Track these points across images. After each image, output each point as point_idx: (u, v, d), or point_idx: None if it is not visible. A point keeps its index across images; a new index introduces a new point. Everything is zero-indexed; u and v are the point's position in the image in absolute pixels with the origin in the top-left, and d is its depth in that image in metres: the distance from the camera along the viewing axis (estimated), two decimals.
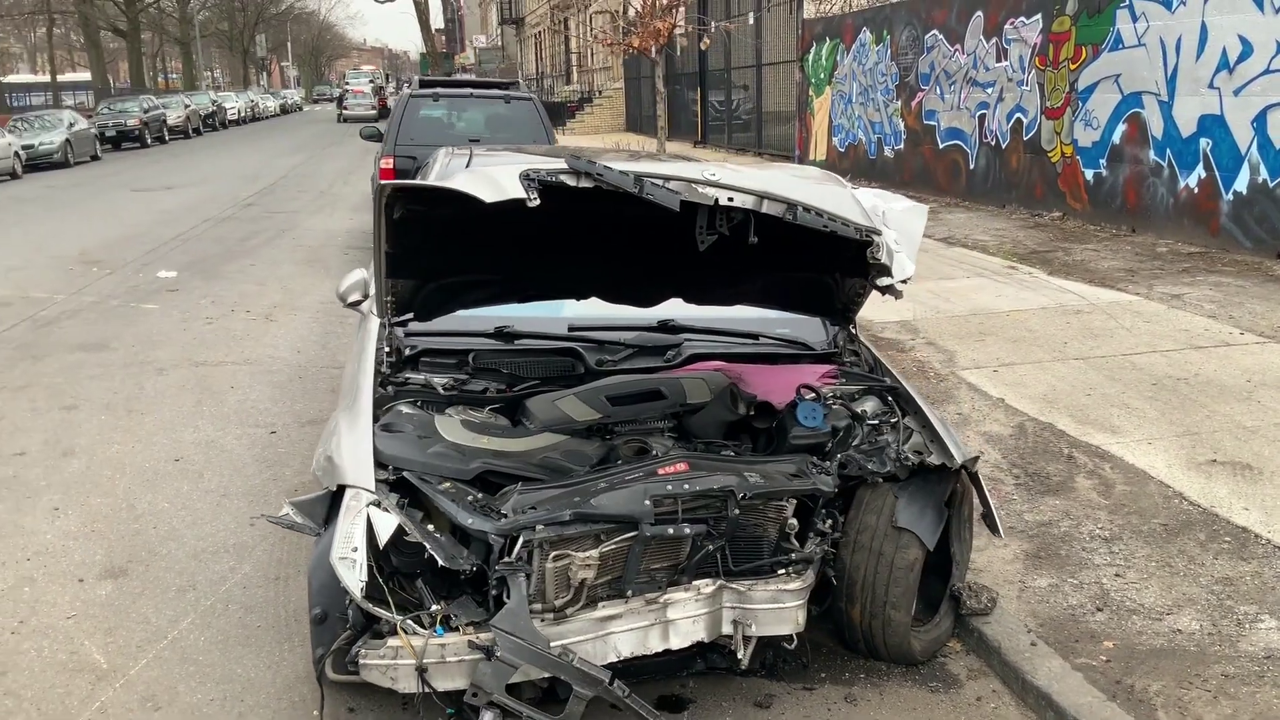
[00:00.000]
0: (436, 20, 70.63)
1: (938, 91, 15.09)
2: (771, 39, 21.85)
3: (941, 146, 15.11)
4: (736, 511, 3.17)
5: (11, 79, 67.72)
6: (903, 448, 3.58)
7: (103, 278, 11.13)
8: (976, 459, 3.51)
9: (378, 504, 3.08)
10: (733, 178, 3.08)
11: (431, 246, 3.59)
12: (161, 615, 3.99)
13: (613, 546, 3.07)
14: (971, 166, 14.37)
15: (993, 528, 3.71)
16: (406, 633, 2.91)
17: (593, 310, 4.25)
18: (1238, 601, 3.88)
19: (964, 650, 3.80)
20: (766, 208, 3.08)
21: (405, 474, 3.21)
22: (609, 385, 3.81)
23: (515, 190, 2.95)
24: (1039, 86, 12.69)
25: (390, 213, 3.25)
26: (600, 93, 36.45)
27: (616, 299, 4.05)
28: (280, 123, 52.08)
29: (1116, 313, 8.03)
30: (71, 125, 28.69)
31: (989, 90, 13.78)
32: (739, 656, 3.22)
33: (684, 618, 3.15)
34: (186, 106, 40.42)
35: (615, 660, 3.09)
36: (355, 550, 2.97)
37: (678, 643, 3.15)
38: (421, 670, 2.88)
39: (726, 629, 3.22)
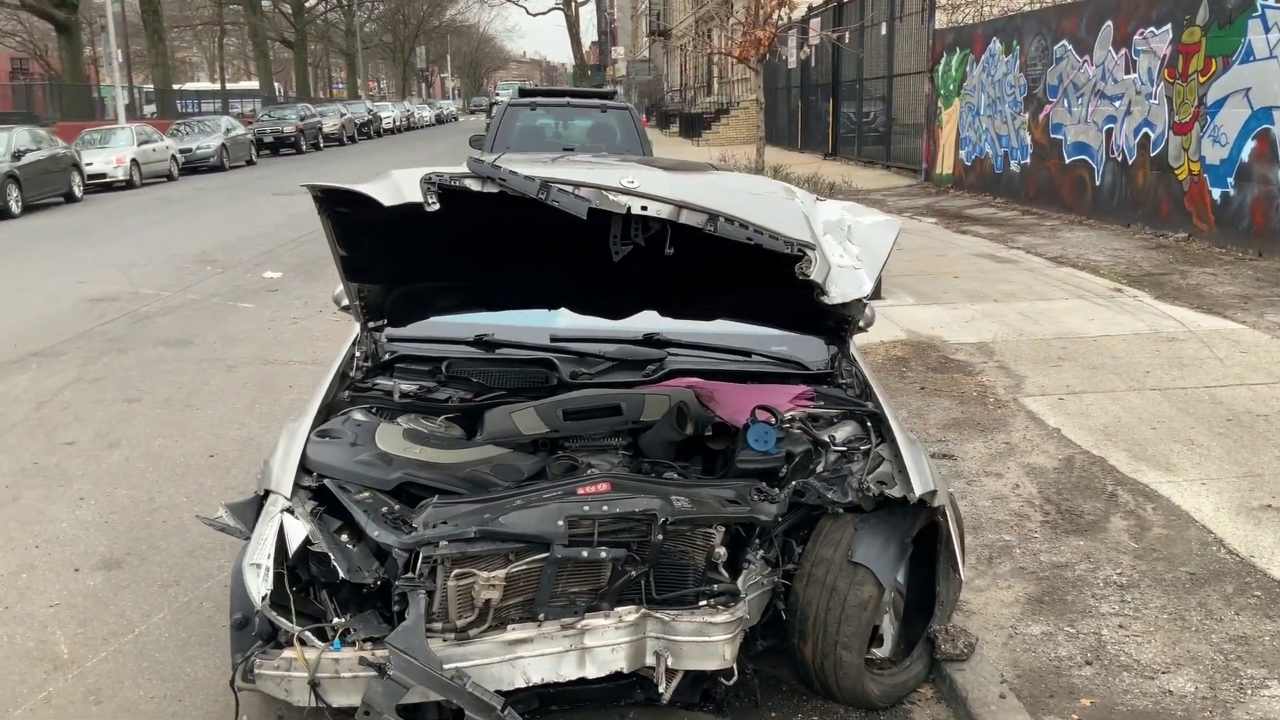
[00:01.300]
0: (591, 33, 71.73)
1: (1065, 104, 14.44)
2: (903, 49, 21.33)
3: (1067, 161, 14.44)
4: (660, 537, 3.02)
5: (190, 86, 71.58)
6: (866, 478, 3.36)
7: (212, 276, 11.58)
8: (934, 493, 3.26)
9: (291, 511, 3.05)
10: (654, 186, 2.93)
11: (389, 251, 3.54)
12: (137, 609, 4.06)
13: (523, 567, 2.95)
14: (1097, 183, 13.68)
15: (954, 567, 3.45)
16: (303, 644, 2.86)
17: (582, 321, 4.15)
18: (1247, 663, 3.51)
19: (934, 698, 3.54)
20: (685, 217, 2.92)
21: (326, 481, 3.17)
22: (570, 399, 3.70)
23: (413, 195, 2.87)
24: (1167, 100, 11.99)
25: (329, 215, 3.22)
26: (738, 104, 36.24)
27: (587, 310, 3.94)
28: (432, 132, 53.54)
29: (1213, 342, 7.48)
30: (228, 131, 30.11)
31: (1117, 103, 13.11)
32: (660, 689, 3.06)
33: (602, 645, 3.00)
34: (342, 115, 41.98)
35: (524, 685, 2.96)
36: (269, 557, 2.95)
37: (594, 671, 3.01)
38: (314, 684, 2.82)
39: (650, 660, 3.06)
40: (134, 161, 23.99)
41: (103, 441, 6.03)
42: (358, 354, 3.99)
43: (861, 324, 4.48)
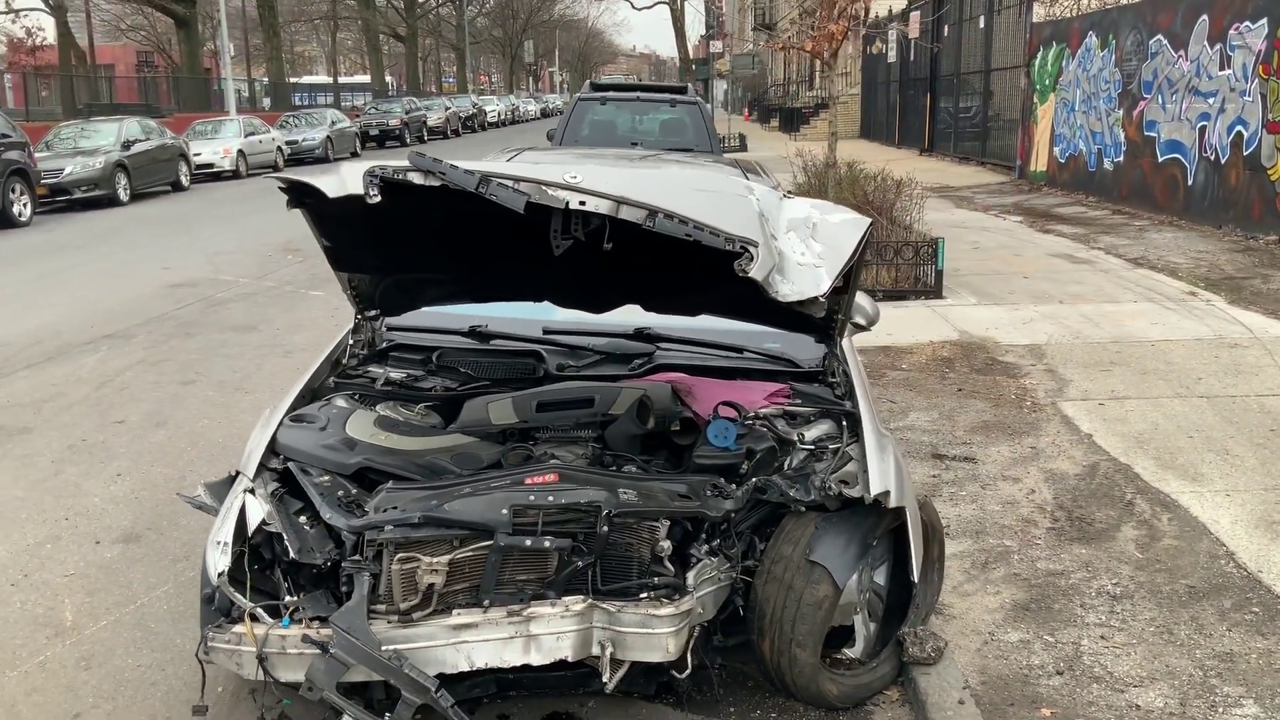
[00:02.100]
0: (699, 27, 71.52)
1: (1159, 101, 13.96)
2: (1000, 43, 20.85)
3: (1160, 160, 13.96)
4: (605, 529, 3.06)
5: (308, 80, 73.59)
6: (829, 477, 3.35)
7: (292, 265, 11.94)
8: (888, 493, 3.22)
9: (253, 491, 3.18)
10: (599, 181, 2.96)
11: (371, 243, 3.64)
12: (144, 582, 4.25)
13: (468, 554, 3.02)
14: (1189, 183, 13.21)
15: (907, 570, 3.41)
16: (254, 620, 2.98)
17: (578, 315, 4.19)
18: (1226, 681, 3.39)
19: (899, 700, 3.50)
20: (624, 213, 2.94)
21: (290, 464, 3.29)
22: (545, 391, 3.75)
23: (355, 186, 2.96)
24: (1261, 97, 11.51)
25: (299, 207, 3.32)
26: (836, 98, 35.82)
27: (569, 304, 3.99)
28: (535, 125, 54.12)
29: (1277, 349, 7.19)
30: (334, 124, 30.92)
31: (1210, 100, 12.63)
32: (604, 679, 3.10)
33: (548, 633, 3.04)
34: (447, 109, 42.75)
35: (468, 669, 3.02)
36: (229, 535, 3.09)
37: (538, 659, 3.05)
38: (261, 659, 2.93)
39: (596, 649, 3.10)
40: (240, 152, 24.82)
41: (151, 421, 6.30)
42: (351, 342, 4.11)
43: (862, 322, 4.45)
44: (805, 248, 3.27)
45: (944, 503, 4.84)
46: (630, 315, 4.18)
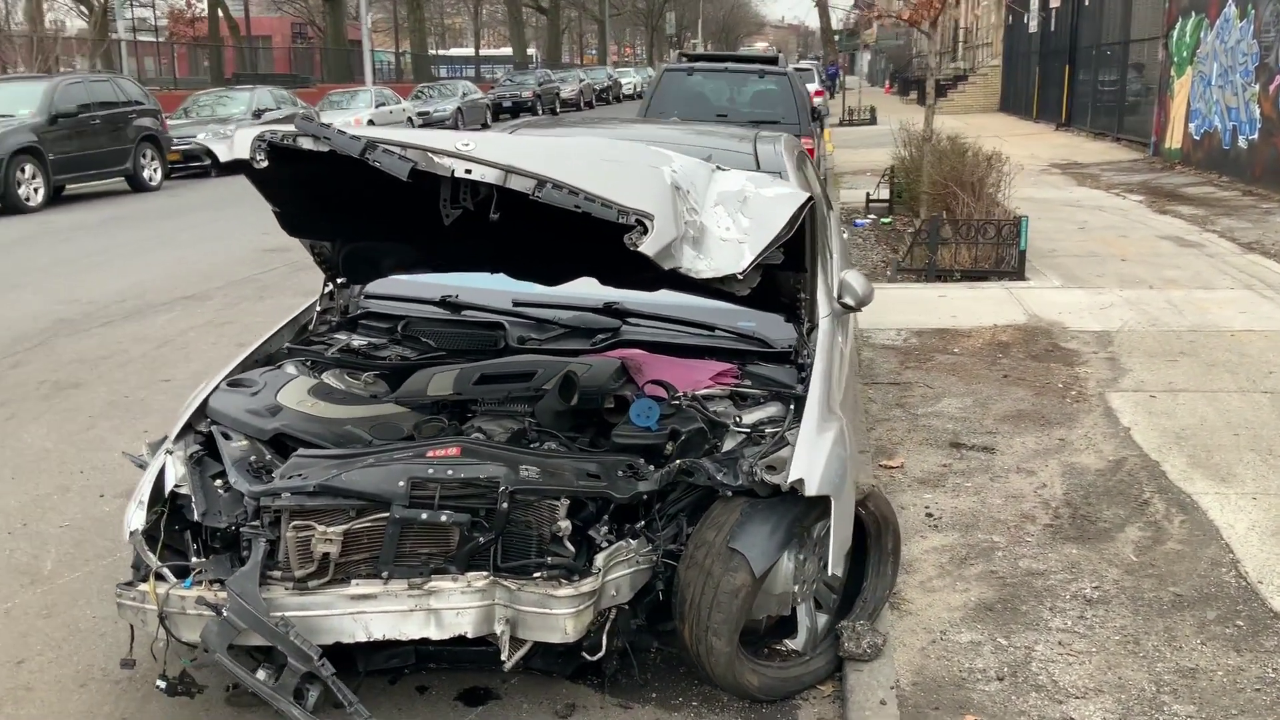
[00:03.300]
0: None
1: None
2: (1140, 13, 19.79)
3: None
4: (505, 505, 3.01)
5: (456, 51, 75.05)
6: (757, 462, 3.23)
7: None
8: (802, 481, 3.08)
9: (171, 453, 3.25)
10: (491, 150, 2.89)
11: (318, 209, 3.65)
12: (50, 523, 4.42)
13: (365, 525, 3.01)
14: None
15: (823, 560, 3.26)
16: (160, 579, 3.04)
17: (552, 288, 4.14)
18: (1179, 698, 3.15)
19: (831, 696, 3.37)
20: (512, 182, 2.85)
21: (213, 428, 3.34)
22: (491, 364, 3.72)
23: (242, 151, 2.96)
24: None
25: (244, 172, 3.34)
26: (975, 70, 34.65)
27: (523, 276, 3.93)
28: None
29: None
30: (465, 95, 31.51)
31: None
32: (503, 657, 3.06)
33: (447, 608, 3.01)
34: (581, 81, 43.04)
35: (365, 639, 3.02)
36: (146, 494, 3.18)
37: (437, 633, 3.02)
38: (162, 617, 2.99)
39: (497, 627, 3.06)
40: (370, 122, 25.42)
41: (197, 380, 6.49)
42: (320, 308, 4.15)
43: (850, 302, 4.28)
44: (732, 222, 3.14)
45: (944, 494, 4.64)
46: (604, 289, 4.10)
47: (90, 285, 9.45)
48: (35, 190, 15.05)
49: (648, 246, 2.78)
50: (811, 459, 3.19)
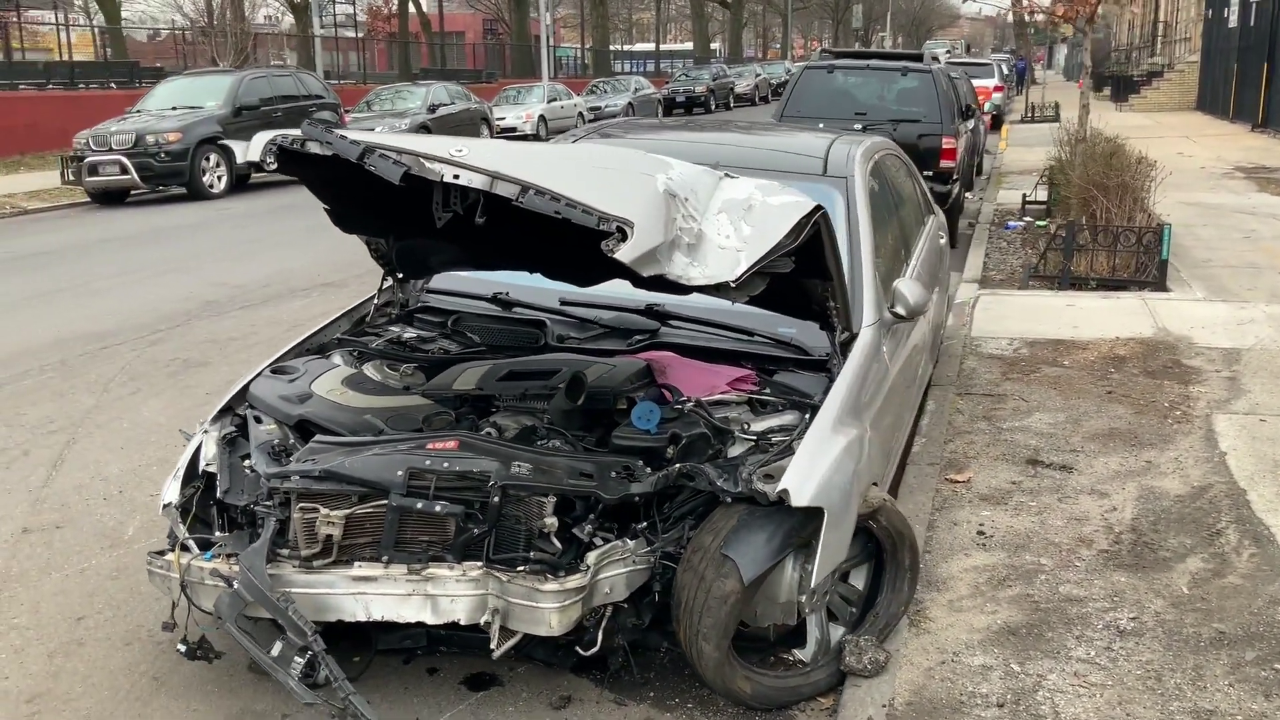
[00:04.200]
0: None
1: None
2: None
3: None
4: (496, 499, 3.11)
5: (639, 47, 75.88)
6: (756, 470, 3.23)
7: None
8: (787, 491, 3.06)
9: (208, 433, 3.49)
10: (477, 157, 2.96)
11: (363, 207, 3.81)
12: (143, 492, 4.78)
13: (367, 510, 3.16)
14: None
15: (805, 584, 3.23)
16: (185, 550, 3.27)
17: (601, 288, 4.20)
18: None
19: (828, 710, 3.34)
20: (498, 188, 2.92)
21: (248, 411, 3.56)
22: (520, 361, 3.82)
23: (255, 155, 3.13)
24: None
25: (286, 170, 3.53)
26: (1171, 66, 32.80)
27: (558, 276, 4.00)
28: None
29: None
30: (637, 90, 31.91)
31: None
32: (491, 645, 3.16)
33: (443, 595, 3.14)
34: (757, 75, 42.84)
35: (365, 619, 3.17)
36: (182, 469, 3.44)
37: (432, 618, 3.14)
38: (184, 586, 3.23)
39: (488, 616, 3.16)
40: (541, 117, 26.10)
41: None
42: (378, 301, 4.35)
43: (901, 311, 4.19)
44: (733, 230, 3.14)
45: (1004, 512, 4.50)
46: (651, 291, 4.14)
47: (243, 270, 10.07)
48: (219, 178, 16.05)
49: (624, 253, 2.82)
50: (807, 470, 3.17)
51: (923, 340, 5.10)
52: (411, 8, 44.47)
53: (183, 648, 3.28)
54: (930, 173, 10.74)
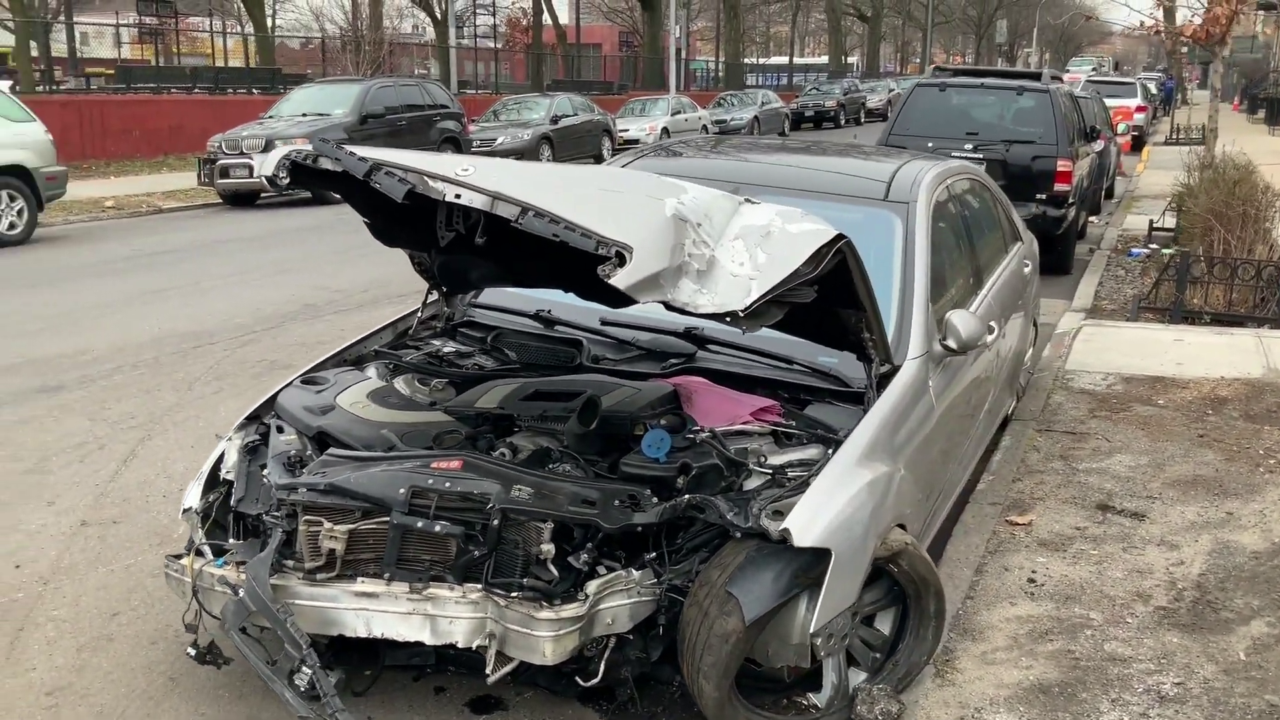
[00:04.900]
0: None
1: None
2: None
3: None
4: (496, 522, 3.08)
5: (774, 60, 75.57)
6: (766, 505, 3.12)
7: None
8: (789, 531, 2.94)
9: (230, 441, 3.55)
10: (481, 176, 2.91)
11: (400, 222, 3.82)
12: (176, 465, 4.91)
13: (369, 526, 3.15)
14: None
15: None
16: (199, 555, 3.33)
17: (641, 309, 4.14)
18: None
19: None
20: (498, 209, 2.87)
21: (272, 421, 3.61)
22: (545, 381, 3.77)
23: (268, 170, 3.16)
24: None
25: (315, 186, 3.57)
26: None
27: (591, 296, 3.94)
28: None
29: None
30: (764, 104, 31.73)
31: None
32: (486, 670, 3.12)
33: (442, 616, 3.11)
34: (890, 90, 42.12)
35: (366, 635, 3.16)
36: (204, 476, 3.51)
37: (431, 639, 3.12)
38: (195, 590, 3.28)
39: (483, 640, 3.12)
40: (665, 129, 26.13)
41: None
42: (420, 314, 4.37)
43: (952, 344, 4.02)
44: (748, 258, 3.04)
45: (1062, 560, 4.27)
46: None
47: (347, 274, 10.31)
48: None
49: (620, 279, 2.75)
50: (816, 509, 3.06)
51: (990, 373, 4.89)
52: (548, 19, 45.15)
53: (192, 652, 3.33)
54: (1043, 196, 10.40)
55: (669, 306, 3.01)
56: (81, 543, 4.46)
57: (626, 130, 25.41)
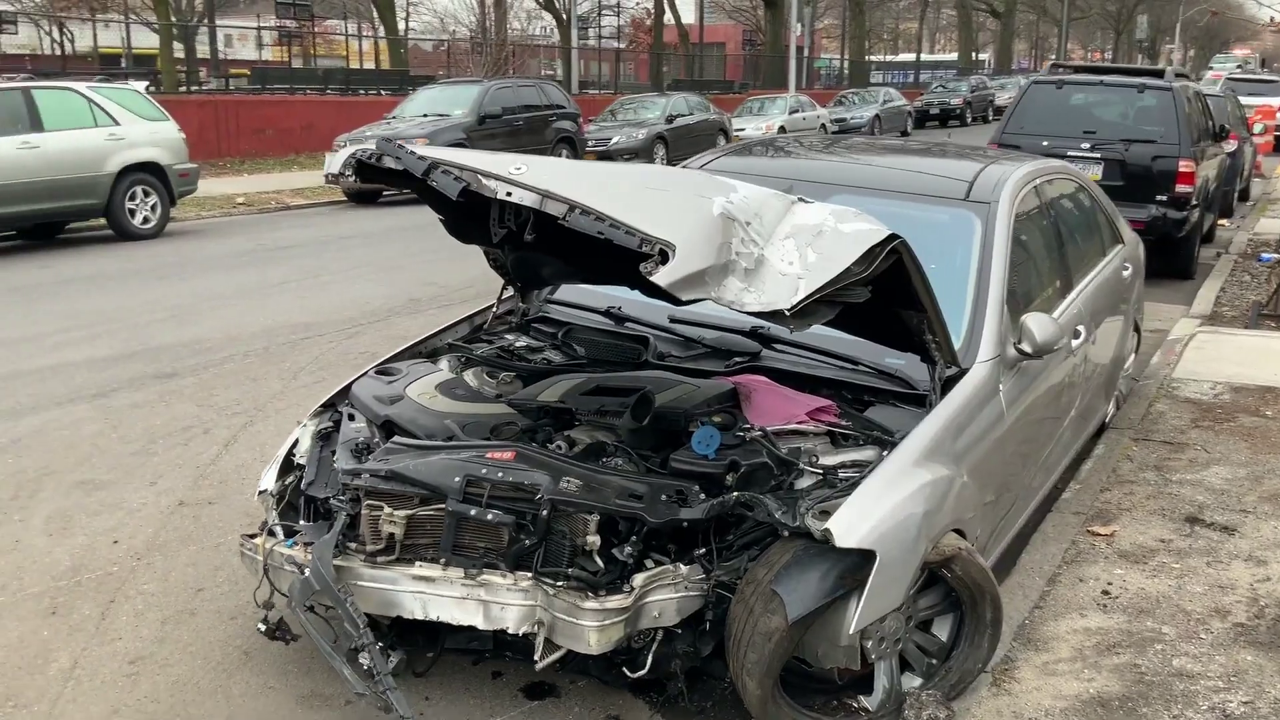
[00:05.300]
0: None
1: None
2: None
3: None
4: (545, 513, 3.15)
5: (901, 58, 74.32)
6: (814, 505, 3.13)
7: None
8: (830, 532, 2.93)
9: (305, 427, 3.70)
10: (532, 175, 2.97)
11: (469, 219, 3.92)
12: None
13: (427, 513, 3.25)
14: None
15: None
16: (271, 535, 3.49)
17: (709, 308, 4.17)
18: None
19: None
20: (547, 206, 2.93)
21: (344, 408, 3.75)
22: (607, 377, 3.82)
23: (335, 166, 3.27)
24: None
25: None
26: None
27: (652, 294, 3.97)
28: None
29: None
30: (885, 102, 31.25)
31: None
32: (535, 656, 3.19)
33: (494, 601, 3.19)
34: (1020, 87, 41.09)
35: (422, 617, 3.25)
36: (280, 459, 3.68)
37: (483, 624, 3.20)
38: (265, 569, 3.43)
39: (532, 627, 3.19)
40: (781, 128, 26.00)
41: None
42: (496, 309, 4.47)
43: (1027, 348, 3.95)
44: (798, 257, 3.04)
45: (1141, 572, 4.15)
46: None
47: (455, 270, 10.54)
48: None
49: (661, 277, 2.78)
50: (862, 510, 3.05)
51: (1077, 378, 4.77)
52: (670, 19, 45.27)
53: (263, 627, 3.49)
54: (1164, 197, 10.05)
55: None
56: (177, 521, 4.69)
57: (743, 130, 25.33)
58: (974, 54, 58.28)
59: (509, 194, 2.99)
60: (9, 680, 3.52)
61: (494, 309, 4.54)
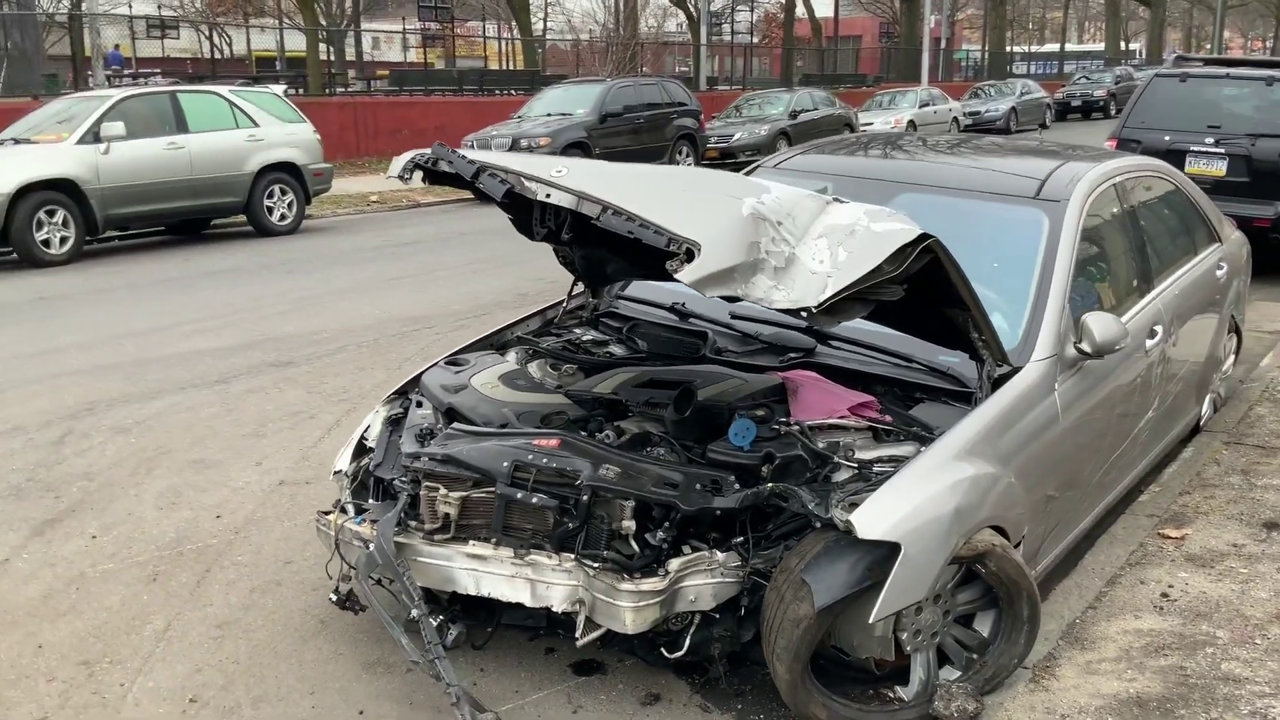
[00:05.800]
0: None
1: None
2: None
3: None
4: (585, 497, 3.31)
5: (1048, 48, 72.12)
6: (845, 498, 3.22)
7: None
8: (851, 523, 3.01)
9: (378, 412, 3.96)
10: (571, 177, 3.12)
11: (526, 216, 4.11)
12: None
13: (479, 495, 3.46)
14: None
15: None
16: (343, 512, 3.75)
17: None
18: None
19: None
20: (583, 207, 3.07)
21: (414, 396, 3.99)
22: (659, 370, 3.96)
23: (396, 169, 3.49)
24: None
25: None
26: None
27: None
28: None
29: None
30: (1022, 94, 30.44)
31: None
32: (576, 634, 3.36)
33: (540, 580, 3.38)
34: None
35: (474, 593, 3.46)
36: (354, 442, 3.95)
37: (530, 601, 3.39)
38: (336, 543, 3.70)
39: (573, 606, 3.36)
40: (910, 123, 25.63)
41: None
42: (567, 304, 4.65)
43: (1087, 348, 3.94)
44: (829, 255, 3.13)
45: (1205, 576, 4.09)
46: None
47: (540, 271, 10.79)
48: None
49: (686, 275, 2.92)
50: (887, 504, 3.13)
51: (1153, 379, 4.69)
52: (803, 13, 44.93)
53: (334, 598, 3.76)
54: None
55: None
56: (276, 499, 5.03)
57: (870, 124, 25.06)
58: (1124, 43, 56.11)
59: (548, 195, 3.17)
60: (108, 639, 3.87)
61: (564, 304, 4.73)
